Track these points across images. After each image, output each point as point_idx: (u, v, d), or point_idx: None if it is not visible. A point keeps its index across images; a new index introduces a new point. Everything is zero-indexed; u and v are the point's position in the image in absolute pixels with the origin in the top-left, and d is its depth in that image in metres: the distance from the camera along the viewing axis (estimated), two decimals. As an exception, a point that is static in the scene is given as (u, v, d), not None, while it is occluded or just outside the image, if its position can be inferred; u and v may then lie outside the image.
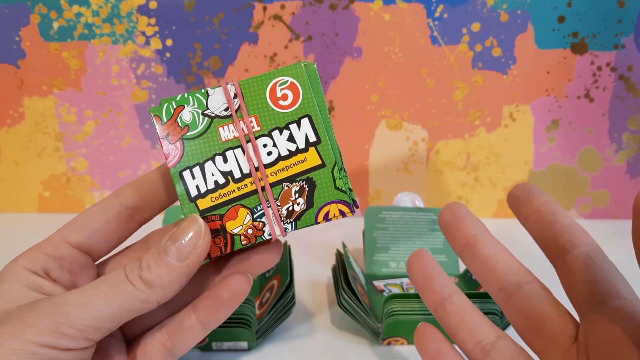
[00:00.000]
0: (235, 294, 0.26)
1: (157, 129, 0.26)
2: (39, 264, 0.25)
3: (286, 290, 0.36)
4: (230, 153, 0.26)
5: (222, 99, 0.27)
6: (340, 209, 0.26)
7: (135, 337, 0.28)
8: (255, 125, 0.26)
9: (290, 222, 0.26)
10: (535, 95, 0.53)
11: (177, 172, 0.26)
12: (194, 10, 0.50)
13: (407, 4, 0.50)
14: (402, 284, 0.43)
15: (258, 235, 0.26)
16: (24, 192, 0.56)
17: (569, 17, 0.50)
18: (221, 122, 0.26)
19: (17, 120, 0.54)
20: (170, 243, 0.25)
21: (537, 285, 0.25)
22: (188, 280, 0.25)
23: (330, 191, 0.26)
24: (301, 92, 0.26)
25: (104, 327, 0.23)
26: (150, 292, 0.24)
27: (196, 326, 0.27)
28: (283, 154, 0.26)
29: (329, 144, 0.26)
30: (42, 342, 0.22)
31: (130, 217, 0.28)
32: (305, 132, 0.26)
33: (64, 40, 0.51)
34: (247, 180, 0.26)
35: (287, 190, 0.26)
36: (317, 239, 0.53)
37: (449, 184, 0.57)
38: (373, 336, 0.37)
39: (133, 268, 0.24)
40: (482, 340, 0.25)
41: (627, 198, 0.57)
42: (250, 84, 0.27)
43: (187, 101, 0.27)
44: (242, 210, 0.26)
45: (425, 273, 0.26)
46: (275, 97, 0.27)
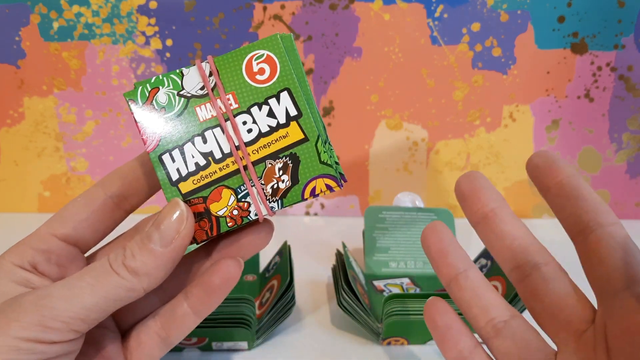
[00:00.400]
0: (226, 279, 0.26)
1: (132, 113, 0.26)
2: (26, 258, 0.25)
3: (286, 290, 0.36)
4: (210, 133, 0.25)
5: (197, 78, 0.26)
6: (327, 183, 0.25)
7: (129, 328, 0.27)
8: (233, 103, 0.26)
9: (276, 200, 0.25)
10: (535, 95, 0.53)
11: (156, 156, 0.25)
12: (194, 10, 0.50)
13: (407, 4, 0.50)
14: (402, 284, 0.43)
15: (244, 215, 0.25)
16: (24, 192, 0.56)
17: (569, 17, 0.50)
18: (198, 102, 0.26)
19: (17, 120, 0.54)
20: (153, 229, 0.24)
21: (555, 267, 0.24)
22: (174, 265, 0.25)
23: (315, 166, 0.25)
24: (278, 64, 0.26)
25: (90, 318, 0.23)
26: (135, 280, 0.23)
27: (189, 314, 0.26)
28: (264, 130, 0.25)
29: (311, 117, 0.25)
30: (27, 336, 0.21)
31: (117, 205, 0.27)
32: (286, 106, 0.25)
33: (64, 40, 0.51)
34: (228, 160, 0.25)
35: (270, 167, 0.25)
36: (317, 239, 0.53)
37: (449, 184, 0.57)
38: (373, 336, 0.37)
39: (117, 256, 0.24)
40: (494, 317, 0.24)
41: (627, 198, 0.57)
42: (225, 60, 0.26)
43: (162, 82, 0.26)
44: (225, 191, 0.25)
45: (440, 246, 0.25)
46: (251, 72, 0.26)
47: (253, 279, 0.43)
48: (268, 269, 0.42)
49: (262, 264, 0.45)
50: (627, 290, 0.21)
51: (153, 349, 0.27)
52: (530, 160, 0.25)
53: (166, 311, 0.27)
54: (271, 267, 0.42)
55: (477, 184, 0.25)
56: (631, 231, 0.24)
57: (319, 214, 0.58)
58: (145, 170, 0.27)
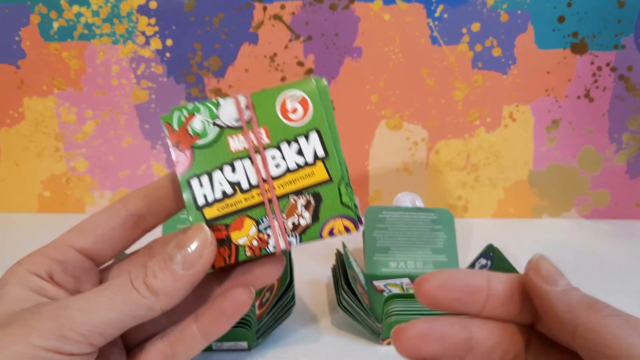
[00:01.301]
0: (238, 307, 0.26)
1: (167, 137, 0.27)
2: (43, 267, 0.25)
3: (286, 290, 0.36)
4: (239, 163, 0.26)
5: (233, 110, 0.27)
6: (345, 224, 0.26)
7: (136, 345, 0.28)
8: (265, 137, 0.27)
9: (295, 236, 0.26)
10: (535, 95, 0.53)
11: (185, 180, 0.26)
12: (194, 10, 0.50)
13: (407, 4, 0.50)
14: (402, 284, 0.43)
15: (262, 247, 0.26)
16: (24, 192, 0.56)
17: (569, 17, 0.50)
18: (231, 132, 0.27)
19: (17, 120, 0.54)
20: (176, 250, 0.24)
21: None
22: (192, 289, 0.25)
23: (336, 206, 0.26)
24: (311, 106, 0.27)
25: (108, 333, 0.23)
26: (154, 299, 0.24)
27: (197, 336, 0.27)
28: (291, 167, 0.26)
29: (337, 159, 0.26)
30: (46, 345, 0.21)
31: (136, 224, 0.28)
32: (314, 146, 0.26)
33: (64, 40, 0.51)
34: (254, 192, 0.26)
35: (293, 203, 0.26)
36: (317, 239, 0.53)
37: (449, 184, 0.57)
38: (373, 336, 0.37)
39: (138, 274, 0.24)
40: None
41: (627, 198, 0.57)
42: (261, 96, 0.27)
43: (198, 110, 0.27)
44: (247, 221, 0.26)
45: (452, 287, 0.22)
46: (285, 110, 0.27)
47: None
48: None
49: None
50: None
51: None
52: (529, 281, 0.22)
53: (174, 332, 0.27)
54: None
55: None
56: (631, 231, 0.24)
57: (319, 214, 0.58)
58: (170, 191, 0.28)
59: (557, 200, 0.57)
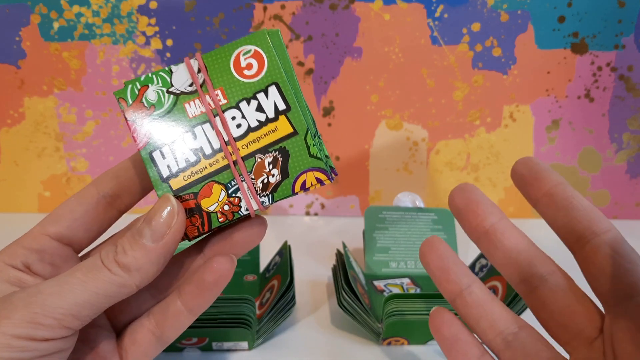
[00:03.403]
0: (219, 276, 0.26)
1: (123, 112, 0.26)
2: (19, 258, 0.25)
3: (286, 290, 0.36)
4: (199, 129, 0.26)
5: (186, 75, 0.26)
6: (317, 176, 0.25)
7: (124, 326, 0.27)
8: (222, 98, 0.26)
9: (267, 195, 0.25)
10: (535, 95, 0.53)
11: (147, 154, 0.26)
12: (194, 10, 0.50)
13: (407, 4, 0.50)
14: (402, 284, 0.43)
15: (235, 211, 0.25)
16: (24, 192, 0.56)
17: (569, 17, 0.50)
18: (187, 98, 0.26)
19: (17, 121, 0.54)
20: (144, 225, 0.24)
21: (561, 277, 0.24)
22: (166, 261, 0.25)
23: (304, 159, 0.25)
24: (266, 59, 0.26)
25: (82, 315, 0.23)
26: (127, 276, 0.23)
27: (183, 312, 0.26)
28: (253, 125, 0.25)
29: (300, 111, 0.25)
30: (18, 333, 0.21)
31: (110, 205, 0.27)
32: (274, 100, 0.25)
33: (64, 40, 0.51)
34: (218, 156, 0.25)
35: (260, 162, 0.25)
36: (317, 239, 0.53)
37: (449, 184, 0.57)
38: (373, 336, 0.37)
39: (108, 252, 0.24)
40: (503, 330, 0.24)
41: (627, 198, 0.57)
42: (213, 56, 0.26)
43: (151, 80, 0.26)
44: (216, 187, 0.25)
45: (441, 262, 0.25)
46: (239, 67, 0.26)
47: (253, 279, 0.43)
48: (268, 269, 0.42)
49: (263, 264, 0.45)
50: (630, 299, 0.21)
51: (148, 348, 0.27)
52: (514, 170, 0.25)
53: (160, 309, 0.27)
54: (271, 267, 0.42)
55: (473, 196, 0.25)
56: (631, 231, 0.24)
57: (319, 214, 0.58)
58: (138, 168, 0.27)
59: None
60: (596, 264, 0.22)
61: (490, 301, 0.25)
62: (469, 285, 0.25)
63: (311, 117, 0.26)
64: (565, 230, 0.23)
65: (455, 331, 0.25)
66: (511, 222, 0.25)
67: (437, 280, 0.26)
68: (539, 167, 0.24)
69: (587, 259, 0.23)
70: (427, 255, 0.26)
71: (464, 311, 0.25)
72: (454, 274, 0.25)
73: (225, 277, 0.26)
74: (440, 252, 0.26)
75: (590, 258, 0.22)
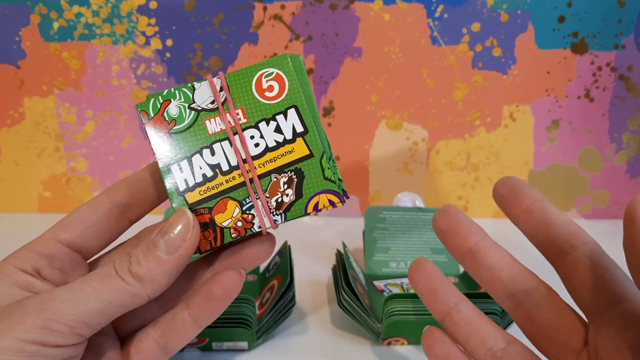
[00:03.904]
0: (227, 290, 0.26)
1: (144, 125, 0.26)
2: (30, 262, 0.25)
3: (286, 290, 0.36)
4: (218, 146, 0.26)
5: (208, 92, 0.26)
6: (330, 199, 0.26)
7: (128, 335, 0.28)
8: (242, 117, 0.26)
9: (280, 214, 0.26)
10: (535, 95, 0.53)
11: (165, 167, 0.26)
12: (194, 10, 0.50)
13: (407, 4, 0.50)
14: (402, 284, 0.43)
15: (248, 227, 0.26)
16: (24, 192, 0.56)
17: (569, 17, 0.50)
18: (208, 115, 0.26)
19: (17, 121, 0.54)
20: (159, 236, 0.24)
21: (545, 291, 0.25)
22: (178, 274, 0.25)
23: (319, 181, 0.26)
24: (287, 83, 0.26)
25: (94, 323, 0.23)
26: (139, 286, 0.24)
27: (189, 323, 0.26)
28: (270, 145, 0.26)
29: (317, 134, 0.26)
30: (31, 339, 0.21)
31: (122, 214, 0.27)
32: (292, 122, 0.26)
33: (64, 41, 0.51)
34: (235, 173, 0.26)
35: (275, 181, 0.26)
36: (317, 239, 0.53)
37: (449, 184, 0.57)
38: (373, 336, 0.37)
39: (122, 262, 0.24)
40: (492, 347, 0.25)
41: (627, 198, 0.57)
42: (236, 76, 0.27)
43: (174, 95, 0.26)
44: (230, 203, 0.26)
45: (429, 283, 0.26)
46: (261, 88, 0.26)
47: (253, 279, 0.43)
48: (268, 269, 0.42)
49: (262, 264, 0.45)
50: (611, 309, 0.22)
51: (152, 357, 0.27)
52: (495, 190, 0.25)
53: (166, 319, 0.27)
54: (271, 267, 0.42)
55: (455, 219, 0.26)
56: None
57: (319, 214, 0.58)
58: (153, 180, 0.28)
59: (557, 200, 0.57)
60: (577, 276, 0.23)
61: (478, 318, 0.26)
62: (457, 303, 0.26)
63: (327, 141, 0.27)
64: (546, 244, 0.24)
65: (447, 349, 0.26)
66: (493, 240, 0.26)
67: (426, 300, 0.27)
68: (518, 185, 0.25)
69: (567, 272, 0.23)
70: (415, 276, 0.27)
71: (453, 329, 0.26)
72: (442, 293, 0.26)
73: (233, 291, 0.26)
74: (427, 273, 0.27)
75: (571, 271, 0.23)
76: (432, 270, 0.27)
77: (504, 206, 0.25)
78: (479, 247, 0.25)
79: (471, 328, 0.25)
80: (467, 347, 0.25)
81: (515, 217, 0.25)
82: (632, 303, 0.22)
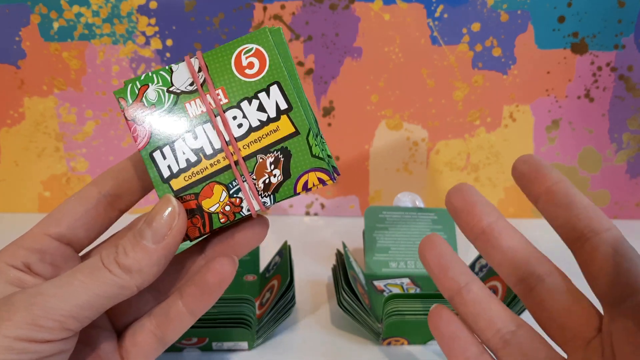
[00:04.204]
0: (221, 278, 0.26)
1: (123, 111, 0.25)
2: (20, 258, 0.25)
3: (286, 290, 0.36)
4: (200, 129, 0.25)
5: (186, 74, 0.25)
6: (320, 177, 0.25)
7: (125, 327, 0.27)
8: (223, 98, 0.25)
9: (269, 195, 0.25)
10: (535, 95, 0.53)
11: (147, 154, 0.25)
12: (194, 10, 0.50)
13: (407, 4, 0.50)
14: (402, 284, 0.43)
15: (236, 211, 0.25)
16: (24, 192, 0.56)
17: (569, 17, 0.50)
18: (188, 98, 0.25)
19: (17, 121, 0.54)
20: (145, 226, 0.24)
21: (558, 277, 0.24)
22: (167, 262, 0.25)
23: (306, 159, 0.25)
24: (267, 58, 0.25)
25: (83, 316, 0.23)
26: (127, 277, 0.23)
27: (184, 313, 0.26)
28: (254, 124, 0.25)
29: (302, 110, 0.25)
30: (19, 335, 0.21)
31: (110, 205, 0.27)
32: (276, 99, 0.25)
33: (64, 41, 0.51)
34: (219, 156, 0.25)
35: (261, 162, 0.25)
36: (317, 239, 0.53)
37: (449, 184, 0.57)
38: (373, 336, 0.37)
39: (109, 254, 0.24)
40: (501, 329, 0.24)
41: (627, 198, 0.57)
42: (214, 55, 0.25)
43: (152, 79, 0.26)
44: (217, 187, 0.25)
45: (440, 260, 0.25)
46: (240, 66, 0.25)
47: (253, 279, 0.43)
48: (268, 269, 0.42)
49: (262, 264, 0.45)
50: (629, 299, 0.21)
51: (149, 349, 0.27)
52: (515, 167, 0.24)
53: (161, 310, 0.27)
54: (271, 267, 0.42)
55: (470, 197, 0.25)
56: (631, 231, 0.24)
57: (319, 214, 0.58)
58: (138, 168, 0.27)
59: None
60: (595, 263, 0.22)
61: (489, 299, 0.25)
62: (468, 283, 0.25)
63: (313, 116, 0.26)
64: (566, 228, 0.23)
65: (454, 329, 0.25)
66: (508, 222, 0.25)
67: (436, 277, 0.26)
68: (540, 164, 0.24)
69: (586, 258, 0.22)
70: (426, 252, 0.26)
71: (462, 309, 0.25)
72: (453, 271, 0.25)
73: (227, 279, 0.26)
74: (439, 249, 0.26)
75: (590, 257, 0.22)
76: (444, 247, 0.26)
77: (524, 184, 0.24)
78: (493, 229, 0.24)
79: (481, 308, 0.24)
80: (476, 328, 0.25)
81: (535, 196, 0.24)
82: None
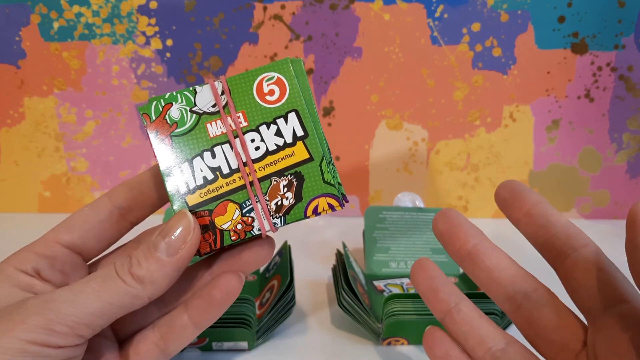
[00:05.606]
0: (227, 293, 0.26)
1: (146, 127, 0.27)
2: (30, 264, 0.25)
3: (286, 290, 0.36)
4: (219, 149, 0.27)
5: (209, 96, 0.27)
6: (329, 202, 0.26)
7: (127, 338, 0.28)
8: (243, 121, 0.27)
9: (280, 217, 0.26)
10: (535, 95, 0.53)
11: (166, 169, 0.26)
12: (194, 10, 0.50)
13: (407, 4, 0.50)
14: (402, 284, 0.43)
15: (247, 230, 0.26)
16: (24, 192, 0.56)
17: (569, 17, 0.50)
18: (209, 119, 0.27)
19: (17, 120, 0.54)
20: (160, 238, 0.25)
21: (543, 292, 0.25)
22: (178, 275, 0.25)
23: (318, 185, 0.26)
24: (288, 87, 0.27)
25: (95, 324, 0.23)
26: (140, 288, 0.24)
27: (188, 326, 0.26)
28: (271, 148, 0.26)
29: (317, 138, 0.26)
30: (33, 339, 0.21)
31: (122, 217, 0.28)
32: (293, 126, 0.27)
33: (64, 40, 0.51)
34: (235, 176, 0.26)
35: (275, 184, 0.26)
36: (317, 239, 0.53)
37: (449, 184, 0.57)
38: (373, 336, 0.37)
39: (123, 264, 0.24)
40: (491, 347, 0.25)
41: (627, 198, 0.57)
42: (237, 80, 0.27)
43: (175, 99, 0.27)
44: (231, 206, 0.26)
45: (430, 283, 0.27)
46: (262, 92, 0.27)
47: (253, 279, 0.43)
48: (268, 269, 0.42)
49: (262, 264, 0.45)
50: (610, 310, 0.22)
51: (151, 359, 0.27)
52: (497, 194, 0.26)
53: (166, 322, 0.27)
54: (271, 267, 0.42)
55: (455, 221, 0.26)
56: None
57: (319, 214, 0.58)
58: (154, 183, 0.28)
59: (557, 200, 0.57)
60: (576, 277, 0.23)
61: (478, 318, 0.26)
62: (457, 303, 0.26)
63: (327, 145, 0.27)
64: (546, 247, 0.24)
65: (447, 349, 0.26)
66: (492, 243, 0.26)
67: (427, 299, 0.27)
68: (520, 188, 0.25)
69: (567, 274, 0.24)
70: (417, 276, 0.27)
71: (453, 329, 0.26)
72: (443, 293, 0.26)
73: (233, 294, 0.26)
74: (429, 273, 0.27)
75: (570, 272, 0.23)
76: (434, 271, 0.27)
77: (505, 209, 0.26)
78: (478, 250, 0.25)
79: (470, 327, 0.25)
80: (467, 347, 0.26)
81: (516, 220, 0.25)
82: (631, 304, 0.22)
